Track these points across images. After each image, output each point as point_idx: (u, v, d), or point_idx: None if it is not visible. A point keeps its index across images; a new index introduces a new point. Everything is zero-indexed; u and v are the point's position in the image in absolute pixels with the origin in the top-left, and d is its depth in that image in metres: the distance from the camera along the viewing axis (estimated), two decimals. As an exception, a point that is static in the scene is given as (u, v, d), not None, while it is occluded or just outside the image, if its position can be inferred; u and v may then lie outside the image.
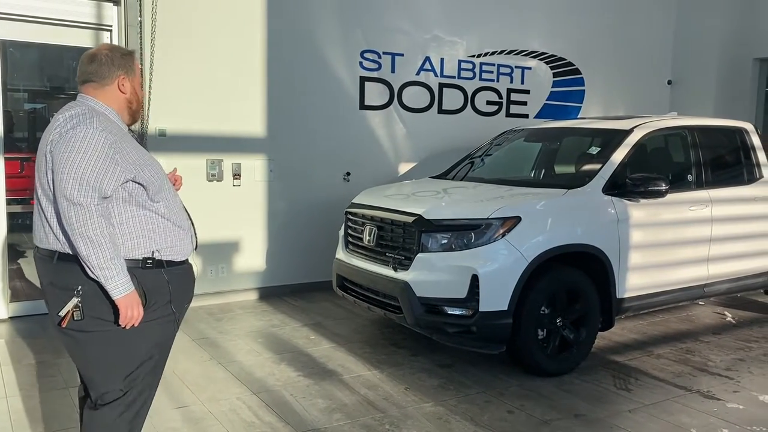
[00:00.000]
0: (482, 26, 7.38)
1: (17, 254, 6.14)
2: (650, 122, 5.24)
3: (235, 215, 6.15)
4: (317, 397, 4.03)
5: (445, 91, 7.23)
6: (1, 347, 4.85)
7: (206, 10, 5.83)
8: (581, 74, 8.17)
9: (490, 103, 7.54)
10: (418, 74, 7.04)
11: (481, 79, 7.45)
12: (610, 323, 4.68)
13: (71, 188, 2.21)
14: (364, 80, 6.72)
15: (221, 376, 4.36)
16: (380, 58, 6.79)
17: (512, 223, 4.24)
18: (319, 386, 4.20)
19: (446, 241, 4.34)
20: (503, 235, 4.21)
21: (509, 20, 7.58)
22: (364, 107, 6.77)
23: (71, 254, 2.31)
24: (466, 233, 4.28)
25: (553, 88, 8.00)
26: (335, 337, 5.22)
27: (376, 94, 6.82)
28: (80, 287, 2.29)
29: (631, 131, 5.04)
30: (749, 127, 5.82)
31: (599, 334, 4.71)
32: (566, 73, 8.07)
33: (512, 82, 7.67)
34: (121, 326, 2.32)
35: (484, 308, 4.12)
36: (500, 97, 7.61)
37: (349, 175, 6.70)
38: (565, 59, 8.02)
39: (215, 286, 6.12)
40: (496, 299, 4.14)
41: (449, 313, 4.25)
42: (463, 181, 5.54)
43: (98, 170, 2.24)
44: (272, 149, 6.28)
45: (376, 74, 6.79)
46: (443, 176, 5.81)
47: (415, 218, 4.46)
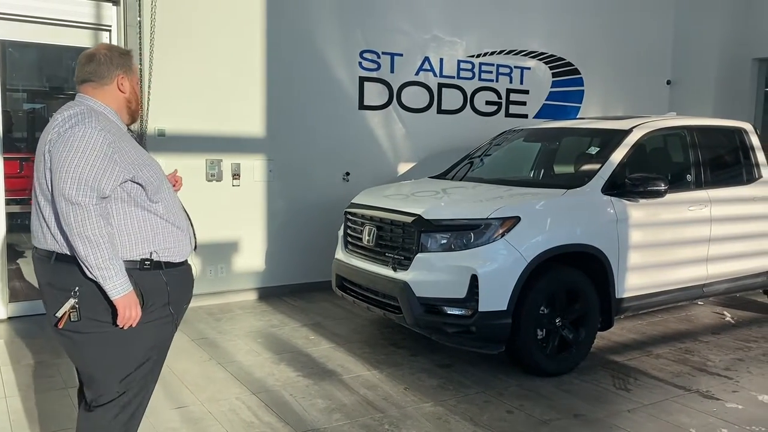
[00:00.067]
0: (481, 26, 7.39)
1: (16, 254, 6.13)
2: (649, 122, 5.25)
3: (234, 215, 6.15)
4: (316, 397, 4.03)
5: (444, 91, 7.23)
6: (0, 347, 4.85)
7: (206, 10, 5.83)
8: (580, 74, 8.17)
9: (489, 103, 7.54)
10: (417, 74, 7.04)
11: (480, 79, 7.45)
12: (609, 323, 4.69)
13: (69, 188, 2.20)
14: (363, 80, 6.72)
15: (220, 376, 4.36)
16: (379, 58, 6.79)
17: (511, 223, 4.25)
18: (318, 386, 4.20)
19: (445, 241, 4.34)
20: (502, 235, 4.22)
21: (508, 20, 7.58)
22: (363, 107, 6.77)
23: (69, 255, 2.30)
24: (465, 233, 4.28)
25: (552, 88, 8.00)
26: (334, 337, 5.22)
27: (375, 94, 6.82)
28: (77, 288, 2.28)
29: (630, 131, 5.04)
30: (748, 127, 5.83)
31: (598, 334, 4.71)
32: (565, 73, 8.07)
33: (511, 82, 7.67)
34: (119, 327, 2.30)
35: (483, 308, 4.12)
36: (499, 97, 7.61)
37: (348, 175, 6.70)
38: (564, 59, 8.02)
39: (214, 286, 6.12)
40: (495, 299, 4.14)
41: (448, 313, 4.25)
42: (462, 181, 5.54)
43: (97, 169, 2.22)
44: (271, 149, 6.28)
45: (375, 74, 6.79)
46: (442, 176, 5.81)
47: (414, 218, 4.46)
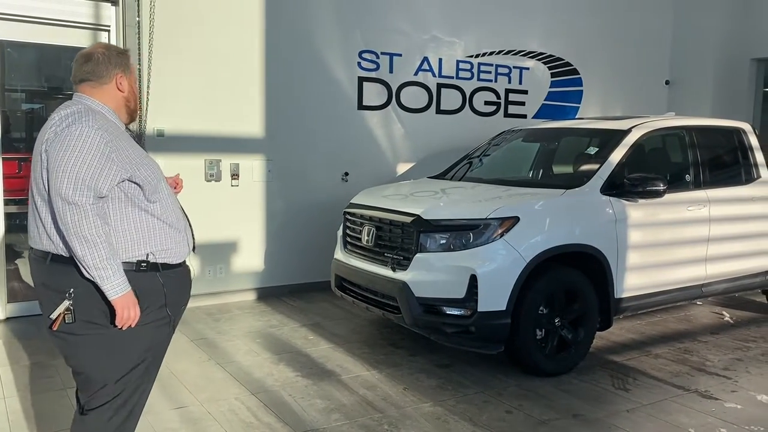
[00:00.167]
0: (480, 26, 7.39)
1: (15, 255, 6.11)
2: (648, 122, 5.25)
3: (233, 215, 6.14)
4: (316, 397, 4.03)
5: (443, 91, 7.23)
6: (-2, 348, 4.85)
7: (204, 10, 5.83)
8: (579, 74, 8.18)
9: (488, 103, 7.54)
10: (416, 74, 7.04)
11: (479, 79, 7.45)
12: (608, 323, 4.69)
13: (66, 187, 2.18)
14: (362, 80, 6.72)
15: (220, 376, 4.36)
16: (378, 58, 6.79)
17: (510, 223, 4.25)
18: (317, 386, 4.20)
19: (445, 241, 4.34)
20: (501, 235, 4.22)
21: (507, 21, 7.58)
22: (362, 107, 6.77)
23: (64, 256, 2.28)
24: (464, 233, 4.28)
25: (551, 88, 8.01)
26: (334, 337, 5.21)
27: (374, 94, 6.82)
28: (72, 290, 2.26)
29: (629, 131, 5.04)
30: (747, 127, 5.84)
31: (597, 334, 4.72)
32: (564, 73, 8.07)
33: (510, 82, 7.68)
34: (117, 327, 2.29)
35: (482, 308, 4.12)
36: (498, 97, 7.61)
37: (347, 175, 6.70)
38: (563, 59, 8.02)
39: (213, 286, 6.11)
40: (494, 299, 4.14)
41: (448, 313, 4.25)
42: (461, 181, 5.54)
43: (94, 169, 2.21)
44: (270, 149, 6.27)
45: (374, 74, 6.79)
46: (441, 176, 5.81)
47: (413, 218, 4.46)
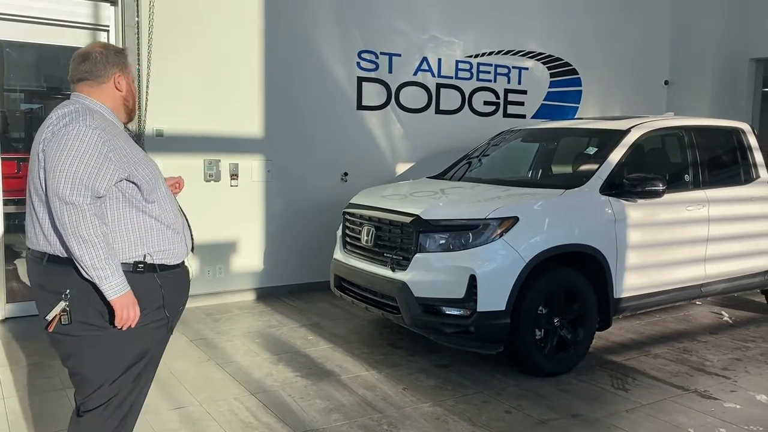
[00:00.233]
0: (479, 27, 7.39)
1: (14, 255, 6.11)
2: (647, 122, 5.25)
3: (232, 215, 6.14)
4: (315, 397, 4.03)
5: (442, 91, 7.23)
6: (-2, 348, 4.84)
7: (204, 10, 5.82)
8: (578, 74, 8.18)
9: (487, 103, 7.55)
10: (415, 74, 7.04)
11: (478, 79, 7.45)
12: (607, 323, 4.69)
13: (64, 187, 2.16)
14: (361, 80, 6.72)
15: (219, 376, 4.36)
16: (377, 58, 6.79)
17: (510, 223, 4.25)
18: (317, 387, 4.20)
19: (444, 241, 4.34)
20: (501, 235, 4.22)
21: (506, 21, 7.58)
22: (361, 107, 6.77)
23: (61, 257, 2.27)
24: (463, 233, 4.28)
25: (550, 88, 8.01)
26: (333, 337, 5.21)
27: (373, 94, 6.82)
28: (68, 291, 2.25)
29: (628, 131, 5.05)
30: (746, 127, 5.84)
31: (597, 334, 4.72)
32: (563, 73, 8.07)
33: (509, 82, 7.68)
34: (116, 328, 2.27)
35: (481, 308, 4.12)
36: (497, 97, 7.61)
37: (346, 175, 6.70)
38: (562, 59, 8.03)
39: (213, 286, 6.11)
40: (493, 299, 4.14)
41: (447, 313, 4.25)
42: (460, 181, 5.54)
43: (91, 168, 2.19)
44: (270, 149, 6.27)
45: (373, 74, 6.79)
46: (441, 176, 5.81)
47: (412, 218, 4.46)
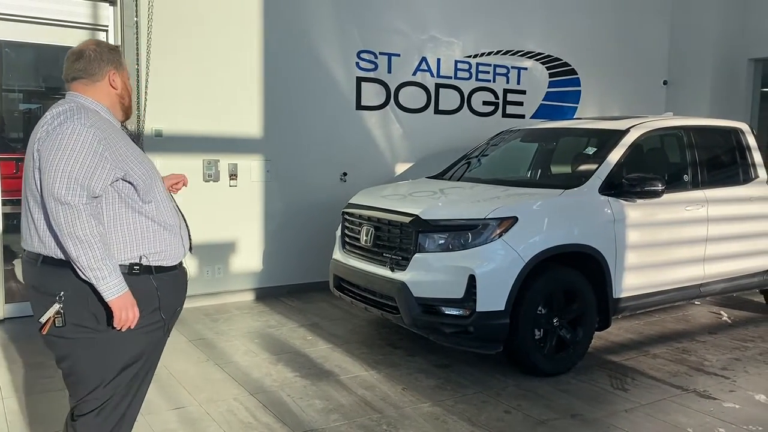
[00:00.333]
0: (478, 27, 7.39)
1: (12, 255, 6.11)
2: (646, 122, 5.26)
3: (231, 216, 6.14)
4: (314, 397, 4.03)
5: (441, 91, 7.23)
6: (-4, 348, 4.84)
7: (203, 10, 5.82)
8: (577, 75, 8.18)
9: (486, 103, 7.55)
10: (414, 74, 7.04)
11: (477, 79, 7.45)
12: (606, 323, 4.69)
13: (59, 187, 2.13)
14: (360, 80, 6.72)
15: (218, 377, 4.36)
16: (377, 58, 6.79)
17: (509, 223, 4.25)
18: (316, 387, 4.19)
19: (443, 241, 4.33)
20: (500, 235, 4.22)
21: (505, 21, 7.58)
22: (360, 107, 6.76)
23: (55, 258, 2.24)
24: (463, 233, 4.28)
25: (549, 88, 8.01)
26: (332, 337, 5.21)
27: (372, 94, 6.82)
28: (62, 293, 2.22)
29: (627, 131, 5.05)
30: (745, 127, 5.85)
31: (596, 334, 4.72)
32: (562, 73, 8.08)
33: (508, 82, 7.68)
34: (115, 329, 2.25)
35: (481, 308, 4.12)
36: (496, 97, 7.61)
37: (345, 175, 6.70)
38: (561, 59, 8.03)
39: (211, 286, 6.11)
40: (493, 299, 4.14)
41: (446, 313, 4.25)
42: (459, 181, 5.54)
43: (87, 167, 2.16)
44: (269, 149, 6.27)
45: (372, 74, 6.79)
46: (440, 176, 5.81)
47: (412, 218, 4.46)
